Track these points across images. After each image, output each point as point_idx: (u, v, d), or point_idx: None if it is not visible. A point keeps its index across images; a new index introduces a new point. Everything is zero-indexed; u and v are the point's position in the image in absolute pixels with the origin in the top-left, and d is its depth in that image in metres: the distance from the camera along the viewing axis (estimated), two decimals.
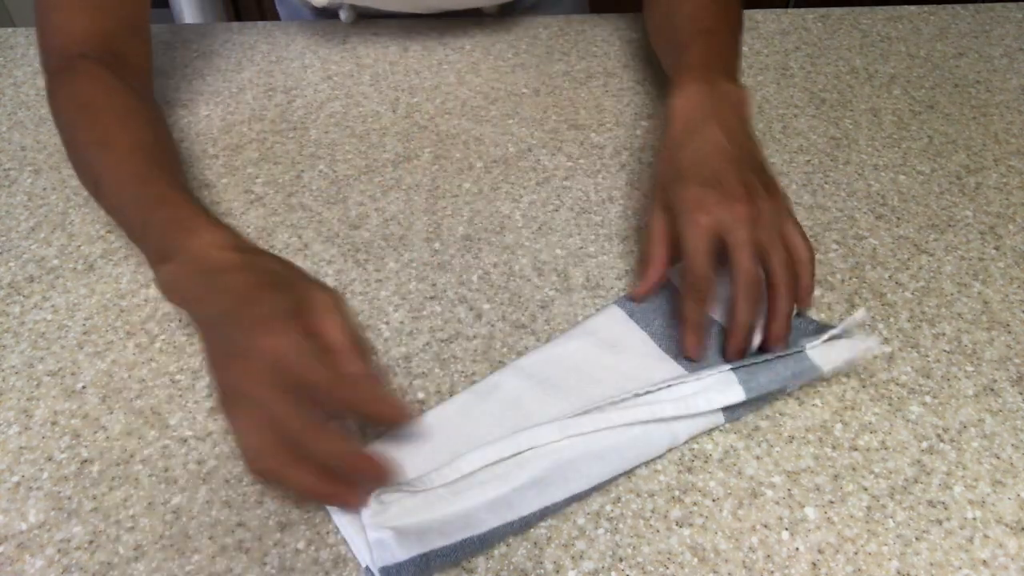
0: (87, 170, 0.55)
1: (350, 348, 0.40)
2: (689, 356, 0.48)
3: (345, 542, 0.41)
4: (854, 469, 0.45)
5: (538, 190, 0.63)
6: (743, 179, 0.49)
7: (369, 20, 0.82)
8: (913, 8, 0.84)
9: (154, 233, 0.48)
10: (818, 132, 0.68)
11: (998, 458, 0.45)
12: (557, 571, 0.40)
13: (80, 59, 0.57)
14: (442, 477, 0.42)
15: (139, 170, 0.51)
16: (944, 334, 0.52)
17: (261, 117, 0.69)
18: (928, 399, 0.48)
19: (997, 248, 0.58)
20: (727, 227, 0.47)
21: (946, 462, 0.45)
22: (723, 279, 0.48)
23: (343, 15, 0.81)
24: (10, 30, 0.82)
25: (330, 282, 0.56)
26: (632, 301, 0.52)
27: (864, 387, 0.49)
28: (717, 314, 0.51)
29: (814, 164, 0.65)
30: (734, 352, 0.47)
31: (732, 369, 0.45)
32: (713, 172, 0.49)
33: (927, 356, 0.51)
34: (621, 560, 0.41)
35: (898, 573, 0.40)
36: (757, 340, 0.48)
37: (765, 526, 0.42)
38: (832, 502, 0.43)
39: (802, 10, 0.84)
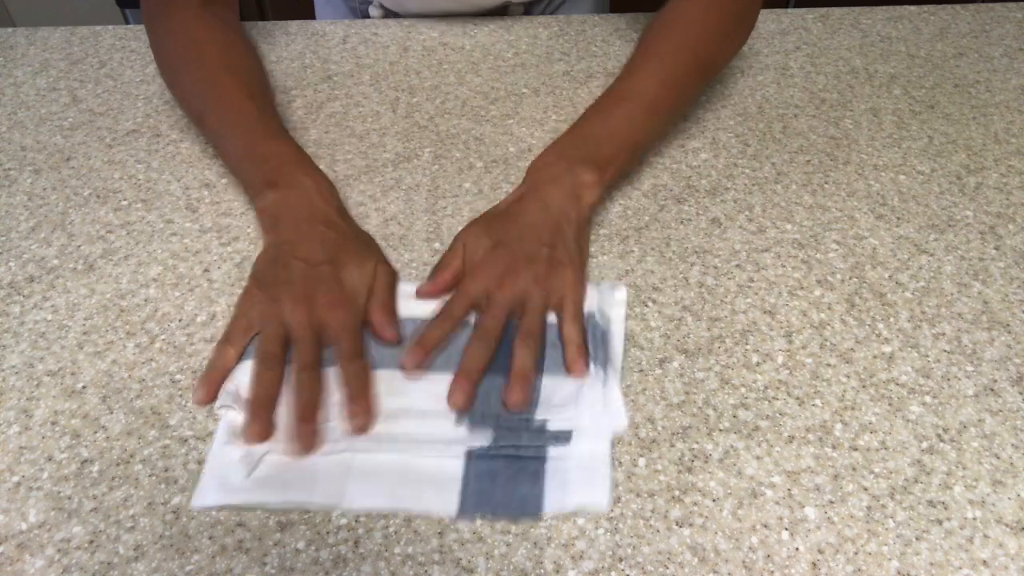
0: (193, 101, 0.63)
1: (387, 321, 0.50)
2: (404, 366, 0.49)
3: (346, 542, 0.41)
4: (854, 469, 0.45)
5: None
6: (532, 252, 0.52)
7: (369, 20, 0.82)
8: (913, 8, 0.84)
9: (261, 163, 0.57)
10: (818, 132, 0.68)
11: (998, 458, 0.45)
12: (557, 571, 0.40)
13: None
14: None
15: (246, 106, 0.60)
16: (944, 334, 0.52)
17: None
18: (928, 399, 0.48)
19: (997, 248, 0.58)
20: (486, 294, 0.51)
21: (946, 462, 0.45)
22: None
23: (373, 12, 0.83)
24: (10, 30, 0.82)
25: None
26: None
27: (864, 387, 0.49)
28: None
29: (814, 164, 0.65)
30: (455, 394, 0.47)
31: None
32: (508, 238, 0.53)
33: (927, 356, 0.51)
34: (621, 560, 0.41)
35: (898, 573, 0.40)
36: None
37: (765, 526, 0.42)
38: (832, 502, 0.43)
39: (802, 10, 0.84)
